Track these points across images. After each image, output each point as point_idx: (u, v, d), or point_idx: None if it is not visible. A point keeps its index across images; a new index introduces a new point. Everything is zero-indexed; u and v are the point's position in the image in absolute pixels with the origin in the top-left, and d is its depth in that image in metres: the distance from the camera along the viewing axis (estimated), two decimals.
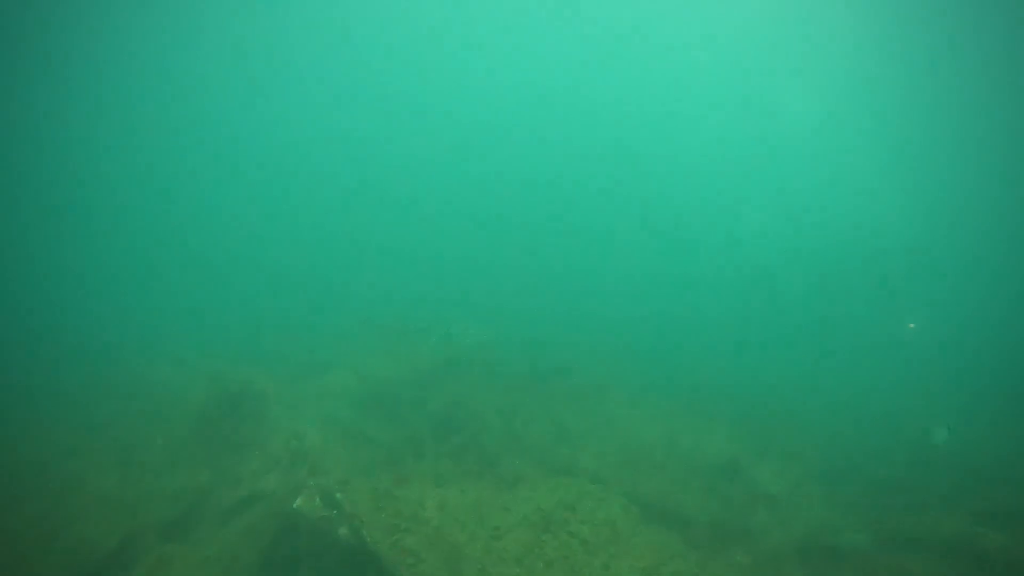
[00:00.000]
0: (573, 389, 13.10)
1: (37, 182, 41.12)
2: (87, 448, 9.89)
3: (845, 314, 21.46)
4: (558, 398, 12.25)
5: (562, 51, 48.99)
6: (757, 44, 37.80)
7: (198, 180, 50.72)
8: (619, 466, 9.31)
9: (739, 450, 9.96)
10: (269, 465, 8.96)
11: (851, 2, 29.99)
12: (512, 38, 49.52)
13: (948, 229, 37.03)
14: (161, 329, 20.34)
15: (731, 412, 12.57)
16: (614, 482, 8.58)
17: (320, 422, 10.99)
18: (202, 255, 38.40)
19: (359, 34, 48.63)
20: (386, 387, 13.29)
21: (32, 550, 6.93)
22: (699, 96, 46.23)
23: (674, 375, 17.06)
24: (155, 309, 24.23)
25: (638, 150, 49.15)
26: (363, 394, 13.10)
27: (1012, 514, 8.50)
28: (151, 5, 34.98)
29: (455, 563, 6.09)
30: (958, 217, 37.47)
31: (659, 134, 49.78)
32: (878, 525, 8.03)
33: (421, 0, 45.55)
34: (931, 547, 7.45)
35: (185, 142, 48.14)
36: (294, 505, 7.06)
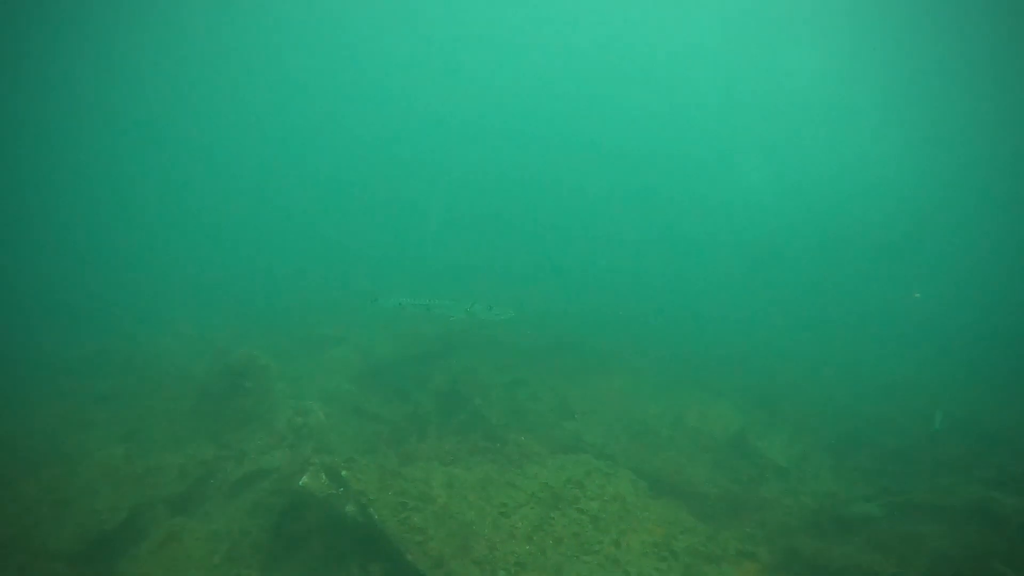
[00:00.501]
0: (578, 364, 13.08)
1: (42, 161, 41.32)
2: (92, 421, 9.91)
3: (848, 283, 21.38)
4: (563, 373, 12.22)
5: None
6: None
7: (201, 158, 50.85)
8: (626, 441, 9.32)
9: (746, 423, 9.97)
10: (274, 441, 8.95)
11: None
12: (527, 31, 49.04)
13: (951, 195, 36.96)
14: (162, 303, 20.34)
15: (736, 385, 12.59)
16: (622, 457, 8.59)
17: (324, 398, 10.98)
18: (205, 232, 38.68)
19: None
20: (389, 363, 13.28)
21: (47, 518, 6.94)
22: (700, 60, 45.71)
23: (678, 349, 17.09)
24: (157, 283, 24.26)
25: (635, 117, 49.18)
26: (366, 370, 13.09)
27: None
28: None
29: (463, 540, 6.08)
30: (962, 183, 37.29)
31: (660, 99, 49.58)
32: (888, 494, 8.04)
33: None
34: (943, 514, 7.43)
35: (189, 125, 48.02)
36: (300, 482, 7.04)
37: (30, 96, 34.67)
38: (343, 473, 7.18)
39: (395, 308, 7.88)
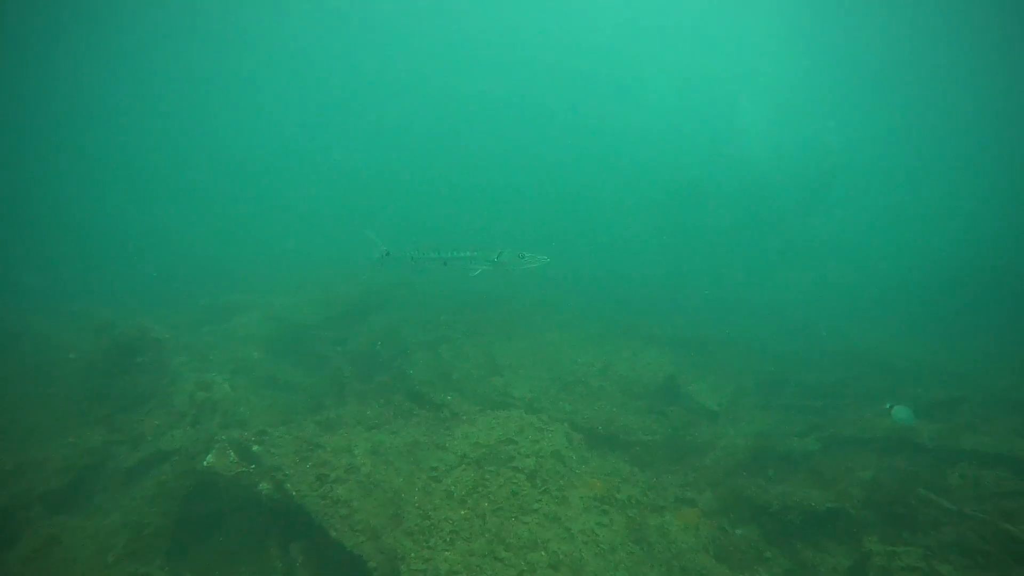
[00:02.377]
0: (502, 318, 12.73)
1: None
2: None
3: (771, 223, 22.11)
4: (487, 328, 11.83)
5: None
6: None
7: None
8: (556, 394, 9.08)
9: (675, 369, 9.94)
10: (173, 420, 8.06)
11: None
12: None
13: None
14: (34, 281, 18.31)
15: (663, 332, 12.65)
16: (553, 411, 8.34)
17: (230, 370, 10.10)
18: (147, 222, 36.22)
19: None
20: (304, 328, 12.46)
21: None
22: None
23: (605, 298, 17.11)
24: (68, 270, 22.03)
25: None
26: (278, 336, 12.23)
27: (937, 405, 9.19)
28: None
29: (393, 510, 5.65)
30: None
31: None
32: (819, 430, 8.29)
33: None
34: (871, 445, 7.82)
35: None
36: (205, 462, 6.35)
37: None
38: (254, 448, 6.56)
39: (407, 262, 6.94)
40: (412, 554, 5.05)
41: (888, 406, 7.31)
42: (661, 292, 19.05)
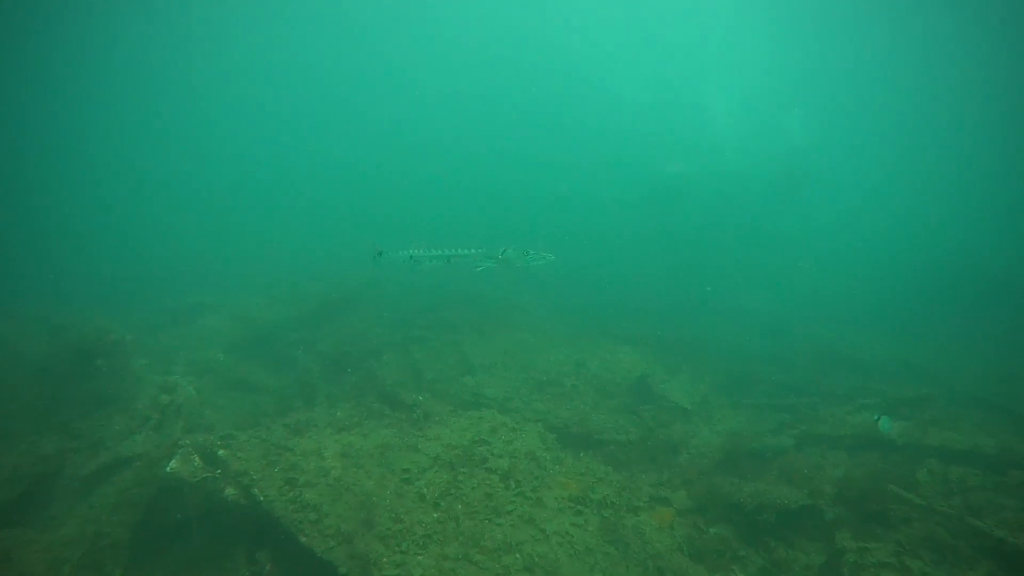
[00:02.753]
0: (475, 317, 12.61)
1: None
2: None
3: (742, 223, 22.35)
4: (460, 327, 11.71)
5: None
6: None
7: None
8: (530, 394, 9.00)
9: (647, 368, 9.94)
10: (135, 425, 7.77)
11: None
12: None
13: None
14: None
15: (636, 332, 12.65)
16: (527, 411, 8.28)
17: (195, 372, 9.84)
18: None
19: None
20: (271, 329, 12.19)
21: None
22: None
23: (578, 298, 17.09)
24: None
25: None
26: (245, 338, 11.95)
27: (906, 402, 9.38)
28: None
29: (365, 514, 5.49)
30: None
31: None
32: (791, 428, 8.37)
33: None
34: (842, 442, 7.95)
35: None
36: (168, 468, 6.11)
37: None
38: (220, 453, 6.34)
39: (405, 263, 6.66)
40: (384, 559, 4.92)
41: (876, 418, 7.45)
42: (634, 292, 19.11)
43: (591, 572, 5.04)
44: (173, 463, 6.18)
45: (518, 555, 5.01)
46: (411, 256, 6.60)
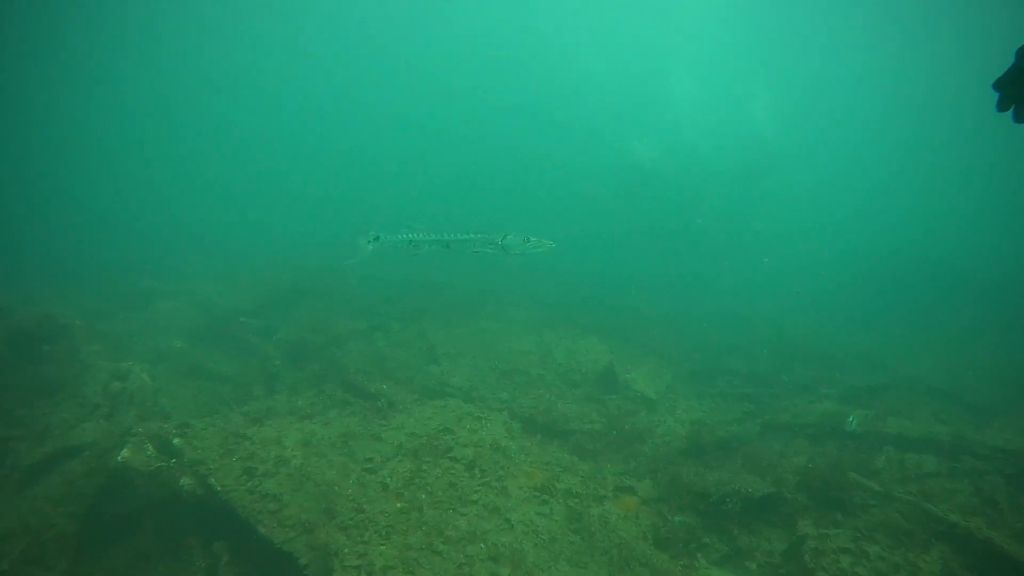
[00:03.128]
0: (440, 305, 12.47)
1: None
2: None
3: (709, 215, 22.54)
4: (425, 315, 11.56)
5: None
6: None
7: None
8: (495, 382, 8.92)
9: (613, 358, 9.94)
10: (84, 413, 7.42)
11: None
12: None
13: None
14: None
15: (602, 321, 12.67)
16: (492, 399, 8.20)
17: (150, 359, 9.47)
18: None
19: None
20: (231, 315, 11.84)
21: None
22: None
23: (545, 286, 17.05)
24: None
25: None
26: (203, 324, 11.61)
27: (866, 391, 9.63)
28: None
29: (326, 504, 5.34)
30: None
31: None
32: (754, 417, 8.48)
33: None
34: (804, 431, 8.07)
35: None
36: (119, 457, 5.86)
37: None
38: (175, 441, 6.11)
39: (403, 247, 6.36)
40: (346, 550, 4.78)
41: (851, 419, 7.64)
42: (600, 282, 19.19)
43: (556, 561, 4.99)
44: (124, 452, 5.92)
45: (483, 545, 4.93)
46: (410, 240, 6.39)
